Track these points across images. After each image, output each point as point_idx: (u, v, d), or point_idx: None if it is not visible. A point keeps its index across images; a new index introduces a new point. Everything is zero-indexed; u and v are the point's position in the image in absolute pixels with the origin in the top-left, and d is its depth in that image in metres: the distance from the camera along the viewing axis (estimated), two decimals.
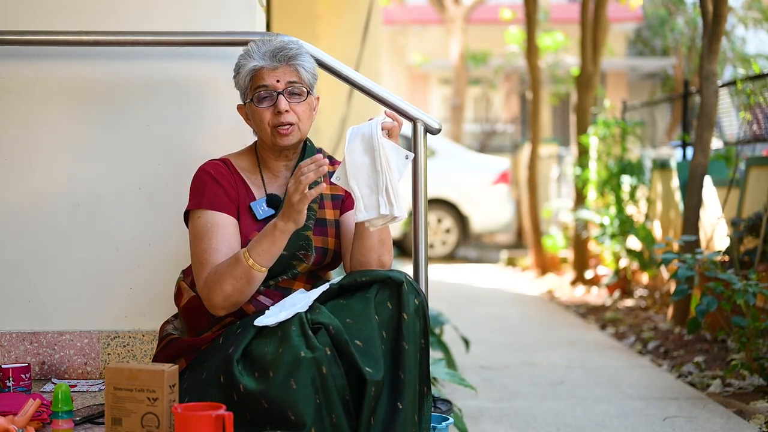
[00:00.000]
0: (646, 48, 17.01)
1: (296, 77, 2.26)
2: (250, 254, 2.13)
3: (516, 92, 16.46)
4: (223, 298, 2.16)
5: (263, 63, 2.24)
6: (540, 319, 6.29)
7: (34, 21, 2.65)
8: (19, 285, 2.68)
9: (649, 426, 3.45)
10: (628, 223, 6.90)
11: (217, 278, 2.15)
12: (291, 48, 2.26)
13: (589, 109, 7.84)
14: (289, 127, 2.24)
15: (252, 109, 2.27)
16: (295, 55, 2.26)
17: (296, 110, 2.26)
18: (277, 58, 2.24)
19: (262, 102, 2.24)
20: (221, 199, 2.25)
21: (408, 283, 2.14)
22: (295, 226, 2.13)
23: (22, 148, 2.67)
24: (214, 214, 2.23)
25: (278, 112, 2.23)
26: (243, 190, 2.29)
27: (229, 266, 2.15)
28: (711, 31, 5.00)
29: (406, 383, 2.07)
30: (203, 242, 2.21)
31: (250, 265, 2.13)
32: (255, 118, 2.27)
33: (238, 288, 2.15)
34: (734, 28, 13.73)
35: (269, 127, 2.25)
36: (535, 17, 8.46)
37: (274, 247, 2.14)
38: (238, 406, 2.02)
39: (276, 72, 2.24)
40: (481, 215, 10.50)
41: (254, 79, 2.25)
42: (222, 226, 2.22)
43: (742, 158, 5.60)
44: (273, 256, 2.15)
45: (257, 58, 2.25)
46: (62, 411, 2.03)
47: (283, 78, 2.24)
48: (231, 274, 2.14)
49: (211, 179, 2.26)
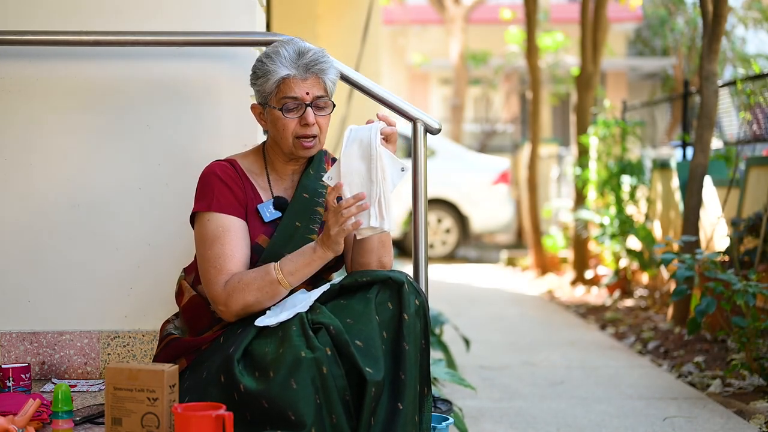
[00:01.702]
0: (646, 48, 17.01)
1: (323, 91, 2.25)
2: (281, 270, 2.14)
3: (516, 92, 16.46)
4: (243, 307, 2.16)
5: (295, 73, 2.21)
6: (540, 319, 6.29)
7: (34, 21, 2.65)
8: (19, 285, 2.68)
9: (649, 426, 3.45)
10: (628, 223, 6.90)
11: (241, 287, 2.15)
12: (323, 62, 2.24)
13: (589, 109, 7.84)
14: (313, 140, 2.25)
15: (275, 115, 2.25)
16: (325, 69, 2.25)
17: (320, 123, 2.26)
18: (309, 70, 2.22)
19: (290, 112, 2.23)
20: (230, 202, 2.24)
21: (409, 284, 2.14)
22: (333, 255, 2.15)
23: (22, 148, 2.67)
24: (224, 218, 2.22)
25: (305, 125, 2.23)
26: (250, 192, 2.29)
27: (257, 278, 2.15)
28: (711, 31, 5.00)
29: (406, 384, 2.07)
30: (216, 247, 2.20)
31: (279, 280, 2.14)
32: (277, 126, 2.25)
33: (260, 300, 2.15)
34: (734, 28, 13.73)
35: (292, 137, 2.24)
36: (535, 17, 8.46)
37: (308, 270, 2.16)
38: (239, 406, 2.02)
39: (306, 83, 2.22)
40: (481, 215, 10.50)
41: (283, 87, 2.22)
42: (233, 231, 2.22)
43: (742, 158, 5.60)
44: (303, 278, 2.17)
45: (289, 66, 2.21)
46: (62, 411, 2.03)
47: (312, 91, 2.23)
48: (257, 286, 2.15)
49: (219, 181, 2.25)
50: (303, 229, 2.28)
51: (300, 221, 2.28)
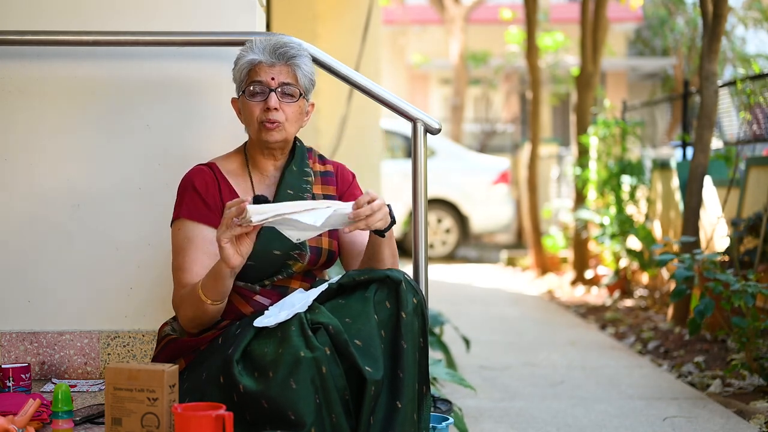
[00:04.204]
0: (646, 48, 17.00)
1: (292, 78, 2.26)
2: (201, 288, 2.15)
3: (516, 92, 16.46)
4: (189, 321, 2.21)
5: (262, 57, 2.25)
6: (540, 319, 6.29)
7: (34, 21, 2.65)
8: (19, 285, 2.68)
9: (649, 426, 3.45)
10: (628, 223, 6.90)
11: (182, 303, 2.20)
12: (292, 47, 2.27)
13: (589, 109, 7.84)
14: (276, 124, 2.25)
15: (243, 102, 2.29)
16: (294, 56, 2.27)
17: (285, 110, 2.26)
18: (276, 54, 2.25)
19: (254, 96, 2.26)
20: (199, 209, 2.27)
21: (406, 282, 2.14)
22: (228, 268, 2.08)
23: (22, 148, 2.67)
24: (192, 227, 2.26)
25: (267, 109, 2.24)
26: (228, 196, 2.29)
27: (190, 294, 2.18)
28: (711, 31, 5.00)
29: (404, 382, 2.07)
30: (178, 258, 2.26)
31: (200, 297, 2.14)
32: (245, 112, 2.29)
33: (198, 315, 2.18)
34: (734, 28, 13.72)
35: (257, 122, 2.26)
36: (535, 17, 8.46)
37: (218, 284, 2.13)
38: (238, 406, 2.02)
39: (273, 69, 2.25)
40: (481, 215, 10.50)
41: (250, 72, 2.26)
42: (196, 243, 2.25)
43: (742, 158, 5.60)
44: (219, 294, 2.14)
45: (257, 52, 2.26)
46: (62, 411, 2.03)
47: (278, 76, 2.25)
48: (190, 303, 2.18)
49: (191, 188, 2.29)
50: None
51: None
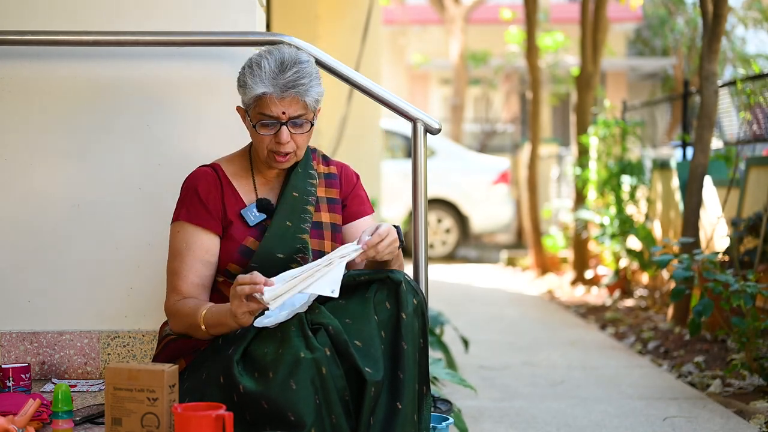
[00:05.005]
0: (646, 48, 17.00)
1: (302, 109, 2.20)
2: (204, 318, 2.14)
3: (516, 92, 16.45)
4: (178, 330, 2.25)
5: (272, 91, 2.16)
6: (540, 319, 6.29)
7: (34, 21, 2.65)
8: (19, 285, 2.68)
9: (649, 426, 3.45)
10: (628, 223, 6.90)
11: (178, 314, 2.21)
12: (303, 82, 2.17)
13: (589, 109, 7.84)
14: (287, 155, 2.24)
15: (252, 130, 2.25)
16: (306, 90, 2.19)
17: (297, 140, 2.23)
18: (288, 89, 2.17)
19: (265, 129, 2.21)
20: (201, 213, 2.26)
21: (406, 283, 2.14)
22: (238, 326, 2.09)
23: (22, 148, 2.67)
24: (192, 231, 2.26)
25: (278, 143, 2.21)
26: (231, 199, 2.29)
27: (189, 314, 2.17)
28: (711, 31, 5.00)
29: (405, 383, 2.07)
30: (175, 262, 2.26)
31: (200, 325, 2.15)
32: (254, 138, 2.26)
33: (191, 333, 2.21)
34: (734, 28, 13.73)
35: (266, 149, 2.24)
36: (535, 17, 8.46)
37: (220, 329, 2.14)
38: (238, 406, 2.02)
39: (283, 102, 2.17)
40: (481, 215, 10.50)
41: (259, 104, 2.19)
42: (194, 249, 2.25)
43: (742, 158, 5.60)
44: (217, 334, 2.16)
45: (267, 82, 2.16)
46: (62, 411, 2.03)
47: (288, 110, 2.19)
48: (187, 322, 2.19)
49: (193, 191, 2.28)
50: (294, 229, 2.28)
51: (290, 221, 2.28)
